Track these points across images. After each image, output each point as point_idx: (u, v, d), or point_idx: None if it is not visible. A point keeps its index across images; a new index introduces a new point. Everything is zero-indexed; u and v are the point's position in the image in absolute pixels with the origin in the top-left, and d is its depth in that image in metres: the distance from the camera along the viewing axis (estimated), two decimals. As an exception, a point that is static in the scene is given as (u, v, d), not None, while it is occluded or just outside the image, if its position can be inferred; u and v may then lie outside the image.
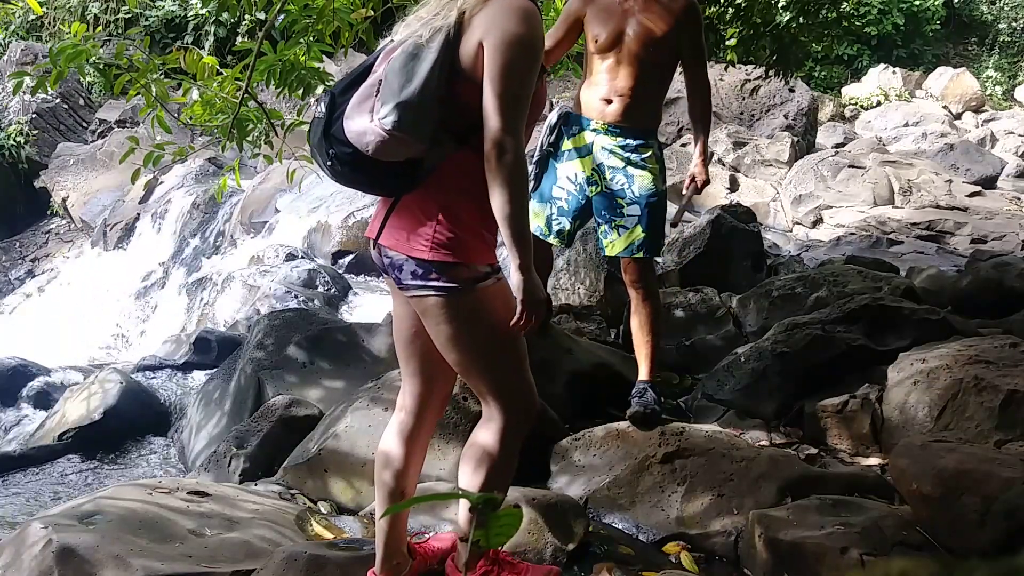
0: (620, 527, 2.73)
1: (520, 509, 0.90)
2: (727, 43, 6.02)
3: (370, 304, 6.17)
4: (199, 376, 5.05)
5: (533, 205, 3.14)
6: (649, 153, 3.06)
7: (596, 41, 3.02)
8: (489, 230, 1.93)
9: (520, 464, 2.81)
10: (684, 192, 3.28)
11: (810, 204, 9.07)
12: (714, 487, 2.72)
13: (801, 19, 5.89)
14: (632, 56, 2.98)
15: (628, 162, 3.04)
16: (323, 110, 1.93)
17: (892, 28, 16.95)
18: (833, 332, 3.47)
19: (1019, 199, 9.93)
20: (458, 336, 1.93)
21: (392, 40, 1.95)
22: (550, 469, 3.00)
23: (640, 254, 3.06)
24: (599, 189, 3.09)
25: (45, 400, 4.89)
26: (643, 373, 3.15)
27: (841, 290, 4.04)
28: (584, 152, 3.09)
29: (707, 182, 3.24)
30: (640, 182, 3.03)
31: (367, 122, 1.84)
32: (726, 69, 9.82)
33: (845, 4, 6.19)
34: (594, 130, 3.06)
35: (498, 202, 1.82)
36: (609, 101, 3.03)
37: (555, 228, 3.16)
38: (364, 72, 1.94)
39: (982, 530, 2.26)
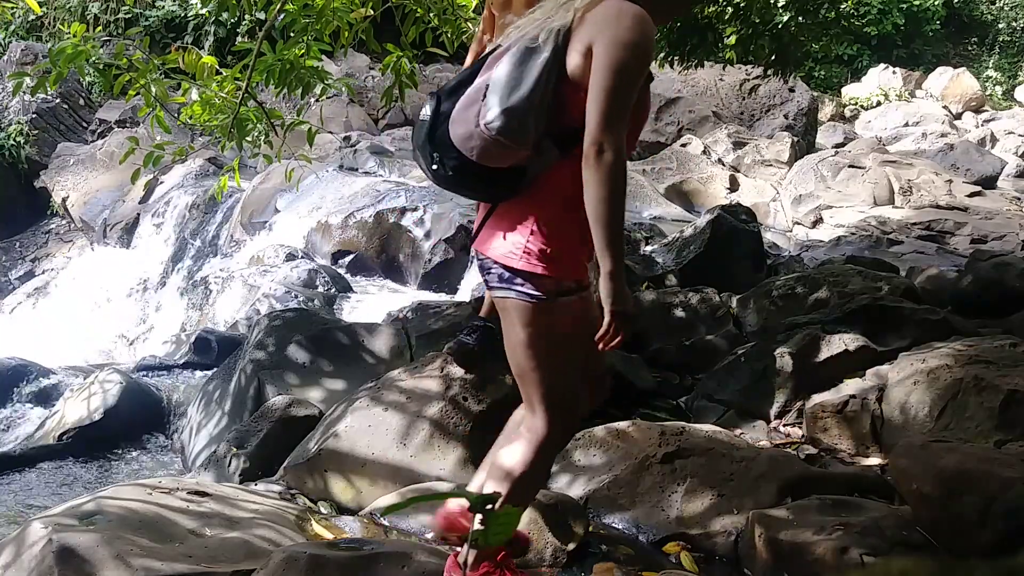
0: (620, 527, 2.73)
1: (519, 509, 0.90)
2: (726, 42, 6.01)
3: (370, 304, 6.16)
4: (199, 376, 5.05)
5: None
6: None
7: (492, 3, 3.24)
8: (585, 244, 1.91)
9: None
10: None
11: (810, 204, 9.07)
12: (714, 487, 2.72)
13: (800, 19, 5.88)
14: (522, 15, 3.17)
15: None
16: (428, 113, 1.92)
17: (892, 28, 16.95)
18: (833, 332, 3.47)
19: (1019, 199, 9.93)
20: (528, 342, 1.93)
21: (499, 44, 1.94)
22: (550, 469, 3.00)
23: None
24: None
25: (45, 400, 4.88)
26: (483, 310, 3.14)
27: (841, 290, 4.04)
28: None
29: None
30: None
31: (473, 127, 1.83)
32: (724, 68, 9.82)
33: (845, 4, 6.18)
34: None
35: (592, 203, 1.78)
36: None
37: None
38: (471, 75, 1.93)
39: (982, 530, 2.26)
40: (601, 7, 1.84)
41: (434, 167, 1.92)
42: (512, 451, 2.04)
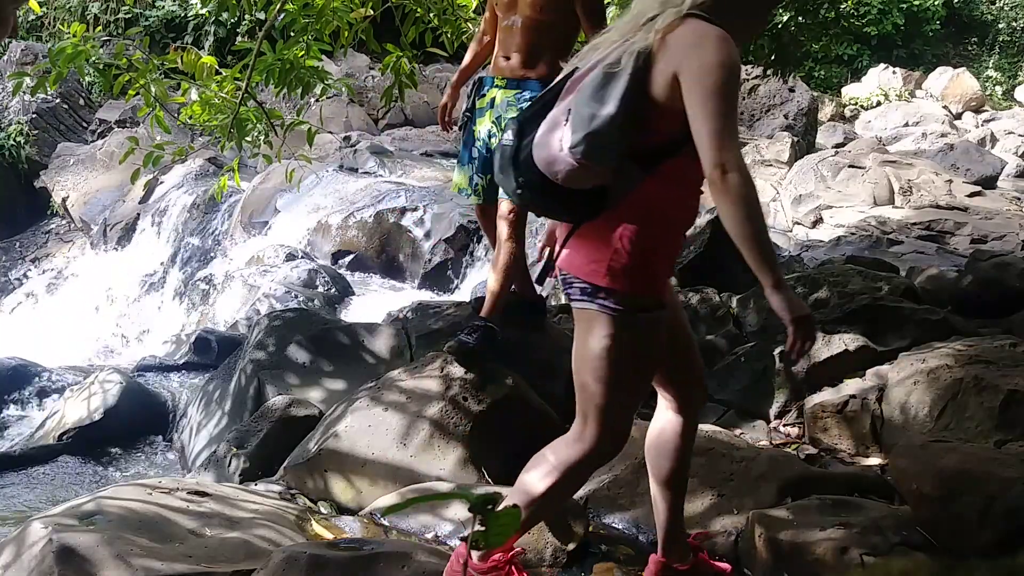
0: (620, 527, 2.73)
1: (519, 509, 0.90)
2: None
3: (370, 304, 6.16)
4: (199, 376, 5.05)
5: (457, 171, 3.41)
6: None
7: (497, 3, 3.27)
8: (667, 263, 1.97)
9: (520, 464, 2.82)
10: None
11: (810, 204, 9.06)
12: (714, 487, 2.72)
13: (800, 19, 5.89)
14: (527, 17, 3.19)
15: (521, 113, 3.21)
16: (511, 137, 1.96)
17: (892, 28, 16.94)
18: (833, 332, 3.47)
19: (1019, 199, 9.92)
20: (599, 354, 1.94)
21: (577, 67, 1.97)
22: (550, 469, 2.99)
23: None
24: (499, 140, 3.22)
25: (45, 400, 4.88)
26: (483, 310, 3.22)
27: (841, 290, 4.04)
28: (487, 108, 3.29)
29: None
30: None
31: (556, 151, 1.86)
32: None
33: (845, 4, 6.18)
34: (496, 86, 3.28)
35: (730, 224, 1.79)
36: (508, 58, 3.25)
37: (474, 185, 3.35)
38: (552, 98, 1.97)
39: (982, 530, 2.26)
40: (682, 30, 1.85)
41: (518, 191, 1.97)
42: (556, 458, 2.05)
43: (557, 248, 2.02)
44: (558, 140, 1.87)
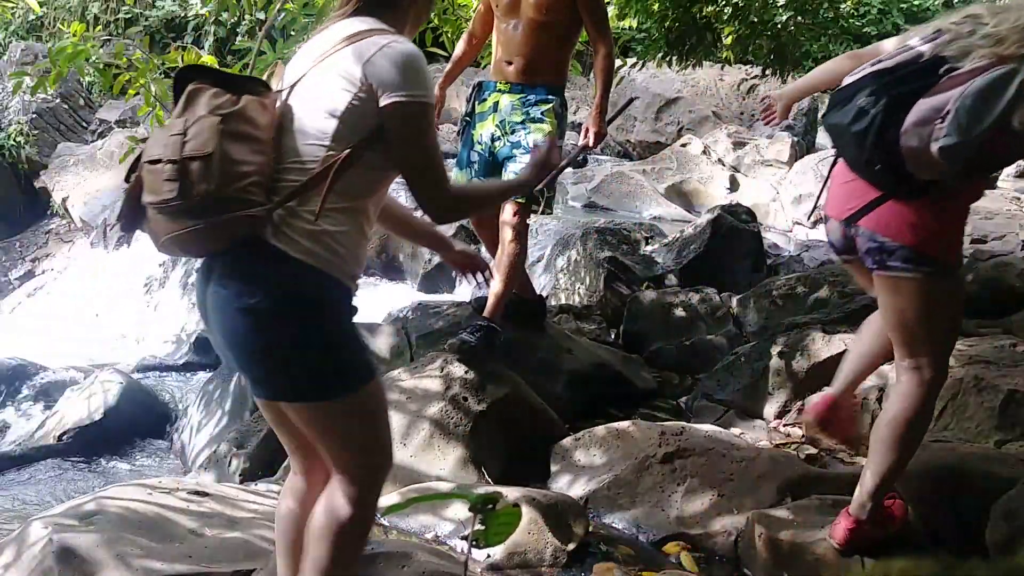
0: (620, 527, 2.73)
1: (519, 508, 0.90)
2: (724, 42, 6.00)
3: (370, 304, 6.16)
4: (199, 376, 5.05)
5: (455, 172, 3.38)
6: (548, 107, 3.23)
7: (497, 6, 3.24)
8: (963, 232, 2.21)
9: (520, 464, 2.82)
10: (580, 142, 3.36)
11: (810, 204, 9.05)
12: (714, 487, 2.72)
13: (799, 18, 5.88)
14: (529, 19, 3.17)
15: (527, 116, 3.21)
16: (877, 107, 1.99)
17: (892, 28, 16.94)
18: (833, 332, 3.47)
19: (1019, 199, 9.91)
20: (923, 312, 2.12)
21: (952, 56, 1.97)
22: (550, 469, 3.00)
23: (520, 199, 3.18)
24: (503, 143, 3.25)
25: (45, 400, 4.89)
26: (486, 311, 3.23)
27: (841, 290, 4.04)
28: (490, 112, 3.27)
29: (602, 134, 3.35)
30: (534, 135, 3.16)
31: (923, 144, 1.93)
32: (724, 68, 9.81)
33: (844, 3, 6.18)
34: (499, 90, 3.26)
35: None
36: (510, 62, 3.23)
37: None
38: (915, 75, 1.98)
39: (982, 530, 2.26)
40: None
41: (866, 159, 2.05)
42: (904, 400, 2.19)
43: (852, 209, 2.13)
44: (927, 135, 1.93)
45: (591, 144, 3.37)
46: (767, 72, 6.45)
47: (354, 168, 1.66)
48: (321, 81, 1.71)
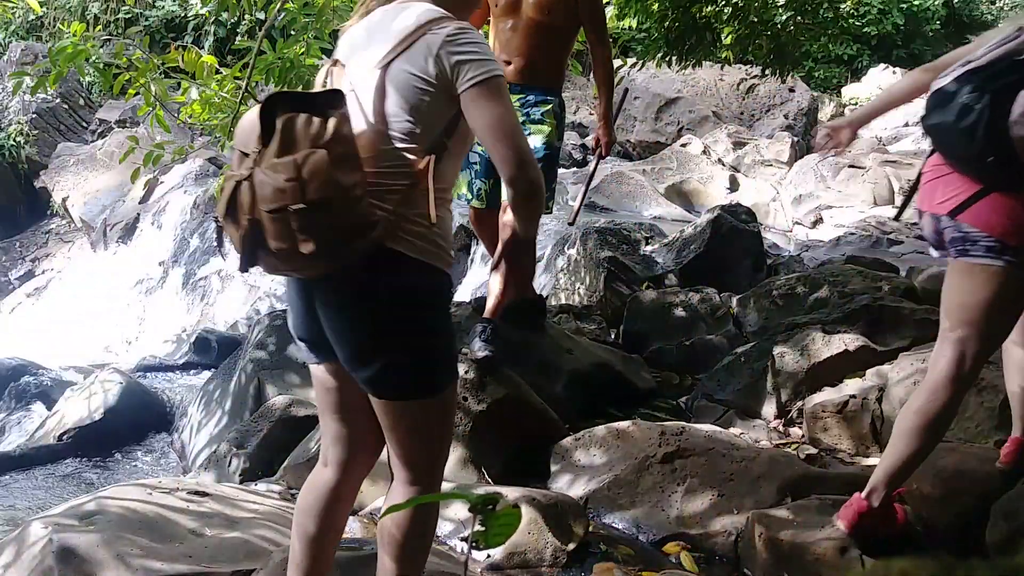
0: (620, 527, 2.73)
1: (519, 509, 0.90)
2: (723, 42, 6.00)
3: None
4: (199, 376, 5.05)
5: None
6: (547, 108, 3.22)
7: (496, 5, 3.21)
8: None
9: (520, 464, 2.82)
10: (592, 156, 3.37)
11: (810, 204, 9.07)
12: (714, 487, 2.72)
13: (799, 18, 5.89)
14: (529, 19, 3.16)
15: (527, 117, 3.20)
16: (983, 103, 2.05)
17: (892, 28, 16.94)
18: (833, 332, 3.47)
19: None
20: (992, 300, 2.15)
21: None
22: (550, 469, 3.00)
23: None
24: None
25: (45, 400, 4.89)
26: (487, 311, 3.23)
27: (841, 290, 4.04)
28: None
29: (612, 142, 3.36)
30: (534, 138, 3.15)
31: None
32: (723, 68, 9.81)
33: (844, 3, 6.18)
34: None
35: None
36: (509, 63, 3.21)
37: (475, 190, 3.33)
38: (1022, 74, 2.05)
39: (982, 530, 2.26)
40: None
41: (978, 152, 2.08)
42: (939, 380, 2.22)
43: (953, 204, 2.15)
44: None
45: (604, 154, 3.40)
46: (767, 72, 6.45)
47: (441, 160, 1.71)
48: (393, 79, 1.71)
